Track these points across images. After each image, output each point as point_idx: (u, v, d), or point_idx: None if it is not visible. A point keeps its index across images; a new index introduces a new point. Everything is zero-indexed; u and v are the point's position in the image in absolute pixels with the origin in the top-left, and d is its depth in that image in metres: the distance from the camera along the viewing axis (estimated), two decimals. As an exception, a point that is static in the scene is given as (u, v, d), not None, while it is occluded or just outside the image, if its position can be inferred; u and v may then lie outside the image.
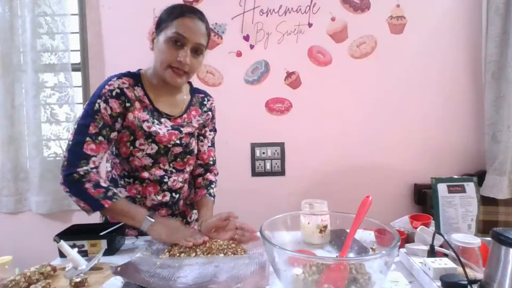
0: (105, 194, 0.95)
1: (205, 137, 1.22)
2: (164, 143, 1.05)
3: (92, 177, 0.96)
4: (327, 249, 0.93)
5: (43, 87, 1.96)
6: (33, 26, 1.88)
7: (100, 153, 0.98)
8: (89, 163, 0.95)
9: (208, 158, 1.23)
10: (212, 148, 1.25)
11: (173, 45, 0.99)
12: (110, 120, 0.98)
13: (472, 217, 0.96)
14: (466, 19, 1.95)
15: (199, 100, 1.18)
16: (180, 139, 1.08)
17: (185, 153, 1.12)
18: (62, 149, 2.02)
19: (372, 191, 0.86)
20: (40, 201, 1.95)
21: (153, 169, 1.07)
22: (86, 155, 0.95)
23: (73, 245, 0.93)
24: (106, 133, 0.97)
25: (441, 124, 2.00)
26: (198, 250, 0.94)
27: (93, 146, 0.96)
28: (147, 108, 1.04)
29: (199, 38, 1.01)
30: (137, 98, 1.02)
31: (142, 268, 0.83)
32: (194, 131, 1.14)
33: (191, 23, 1.00)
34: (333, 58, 1.98)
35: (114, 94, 0.98)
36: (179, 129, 1.08)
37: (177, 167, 1.12)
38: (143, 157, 1.04)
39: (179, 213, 1.18)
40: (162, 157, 1.07)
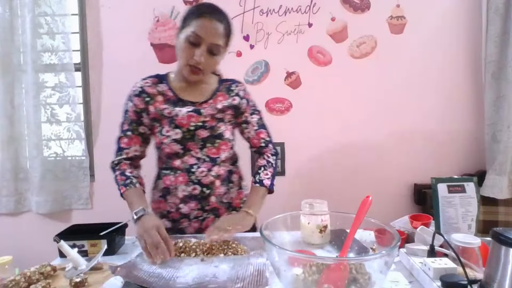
0: (124, 182, 1.10)
1: (248, 123, 1.20)
2: (185, 126, 1.10)
3: (122, 166, 1.14)
4: (327, 249, 0.93)
5: (43, 87, 1.96)
6: (33, 26, 1.88)
7: (132, 146, 1.14)
8: (122, 154, 1.14)
9: (258, 141, 1.20)
10: (262, 129, 1.21)
11: (190, 44, 1.04)
12: (136, 116, 1.13)
13: (472, 217, 0.96)
14: (466, 19, 1.95)
15: (226, 87, 1.19)
16: (203, 122, 1.11)
17: (213, 137, 1.12)
18: (62, 149, 2.02)
19: (372, 191, 0.86)
20: (40, 201, 1.95)
21: (185, 157, 1.11)
22: (121, 148, 1.15)
23: (73, 245, 0.93)
24: (134, 128, 1.14)
25: (441, 124, 2.00)
26: (198, 250, 0.94)
27: (125, 140, 1.14)
28: (170, 100, 1.12)
29: (215, 39, 1.04)
30: (159, 93, 1.13)
31: (142, 268, 0.84)
32: (217, 113, 1.13)
33: (208, 24, 1.03)
34: (333, 58, 1.98)
35: (137, 93, 1.13)
36: (199, 111, 1.11)
37: (210, 155, 1.12)
38: (171, 143, 1.10)
39: (210, 209, 1.15)
40: (189, 141, 1.11)
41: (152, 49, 1.98)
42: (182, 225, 1.15)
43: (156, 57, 1.98)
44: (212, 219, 1.15)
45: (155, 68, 1.97)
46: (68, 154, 2.03)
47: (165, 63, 1.99)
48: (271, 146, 1.23)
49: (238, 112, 1.18)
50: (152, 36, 1.97)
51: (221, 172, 1.15)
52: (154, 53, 1.98)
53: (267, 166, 1.19)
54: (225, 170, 1.16)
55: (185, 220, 1.15)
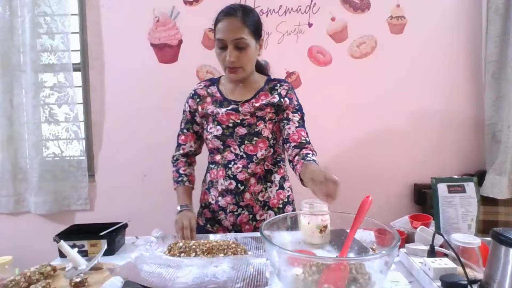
0: (177, 178, 1.24)
1: (289, 120, 1.18)
2: (224, 123, 1.17)
3: (179, 163, 1.27)
4: (327, 249, 0.93)
5: (42, 87, 1.96)
6: (33, 26, 1.87)
7: (188, 142, 1.27)
8: (180, 150, 1.28)
9: (299, 137, 1.15)
10: (302, 128, 1.19)
11: (220, 50, 1.12)
12: (190, 115, 1.25)
13: (472, 217, 0.96)
14: (466, 19, 1.95)
15: (270, 86, 1.23)
16: (242, 120, 1.17)
17: (251, 134, 1.17)
18: (60, 149, 2.01)
19: (372, 191, 0.86)
20: (39, 202, 1.95)
21: (225, 153, 1.18)
22: (179, 144, 1.28)
23: (73, 245, 0.93)
24: (189, 126, 1.26)
25: (441, 124, 2.00)
26: (198, 250, 0.94)
27: (183, 137, 1.27)
28: (217, 100, 1.22)
29: (236, 34, 1.09)
30: (209, 94, 1.24)
31: (142, 268, 0.84)
32: (256, 111, 1.17)
33: (225, 25, 1.10)
34: (333, 58, 1.98)
35: (191, 95, 1.25)
36: (237, 109, 1.17)
37: (248, 152, 1.17)
38: (213, 139, 1.19)
39: (244, 205, 1.18)
40: (229, 138, 1.17)
41: (152, 49, 1.98)
42: (220, 217, 1.22)
43: (156, 57, 1.98)
44: (246, 216, 1.19)
45: (155, 68, 1.98)
46: (67, 154, 2.03)
47: (165, 63, 1.99)
48: (311, 145, 1.17)
49: (280, 109, 1.20)
50: (152, 36, 1.97)
51: (258, 170, 1.18)
52: (154, 53, 1.98)
53: (314, 154, 1.12)
54: (262, 169, 1.19)
55: (222, 213, 1.21)
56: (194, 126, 1.26)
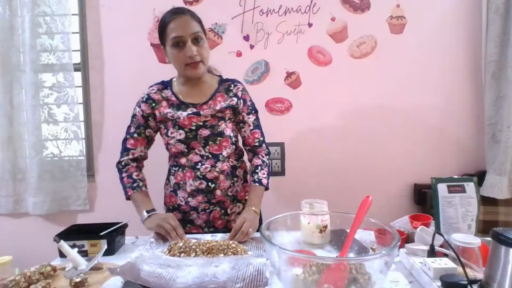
0: (131, 184, 1.19)
1: (245, 123, 1.26)
2: (187, 127, 1.18)
3: (129, 169, 1.23)
4: (327, 249, 0.93)
5: (42, 87, 1.96)
6: (32, 26, 1.87)
7: (138, 147, 1.24)
8: (128, 155, 1.23)
9: (253, 140, 1.27)
10: (256, 130, 1.28)
11: (178, 48, 1.13)
12: (142, 120, 1.23)
13: (472, 217, 0.96)
14: (466, 19, 1.95)
15: (225, 87, 1.26)
16: (204, 122, 1.18)
17: (214, 135, 1.19)
18: (59, 149, 2.01)
19: (372, 191, 0.86)
20: (38, 202, 1.94)
21: (190, 155, 1.20)
22: (127, 149, 1.24)
23: (73, 245, 0.93)
24: (141, 131, 1.23)
25: (441, 124, 2.00)
26: (198, 250, 0.94)
27: (132, 141, 1.24)
28: (173, 104, 1.21)
29: (192, 28, 1.13)
30: (164, 98, 1.22)
31: (142, 268, 0.84)
32: (216, 113, 1.19)
33: (180, 22, 1.13)
34: (333, 58, 1.98)
35: (144, 100, 1.23)
36: (199, 112, 1.18)
37: (213, 152, 1.20)
38: (176, 144, 1.19)
39: (216, 202, 1.23)
40: (193, 141, 1.18)
41: (152, 49, 1.98)
42: (191, 217, 1.24)
43: (156, 57, 1.98)
44: (219, 212, 1.23)
45: (155, 68, 1.98)
46: (66, 154, 2.02)
47: (165, 63, 1.98)
48: (264, 146, 1.30)
49: (236, 111, 1.25)
50: (152, 36, 1.97)
51: (225, 168, 1.22)
52: (154, 53, 1.98)
53: (263, 165, 1.26)
54: (228, 166, 1.24)
55: (194, 212, 1.23)
56: (146, 130, 1.24)
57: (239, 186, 1.28)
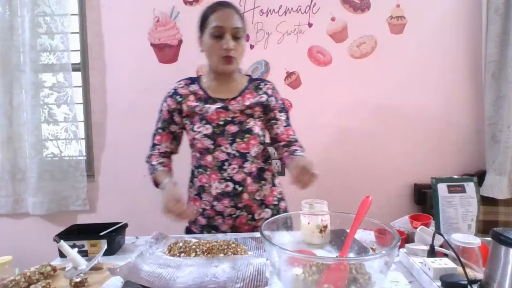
0: (151, 171, 1.19)
1: (277, 120, 1.23)
2: (214, 121, 1.14)
3: (151, 158, 1.22)
4: (327, 249, 0.93)
5: (42, 87, 1.96)
6: (32, 26, 1.87)
7: (163, 142, 1.22)
8: (154, 149, 1.23)
9: (287, 136, 1.22)
10: (289, 127, 1.24)
11: (215, 39, 1.11)
12: (168, 115, 1.21)
13: (472, 217, 0.96)
14: (466, 19, 1.95)
15: (254, 85, 1.23)
16: (232, 118, 1.15)
17: (243, 132, 1.15)
18: (59, 149, 2.01)
19: (372, 191, 0.86)
20: (37, 202, 1.94)
21: (216, 152, 1.14)
22: (154, 144, 1.23)
23: (73, 245, 0.93)
24: (166, 126, 1.22)
25: (441, 124, 2.00)
26: (198, 250, 0.94)
27: (158, 137, 1.23)
28: (201, 98, 1.18)
29: (235, 23, 1.11)
30: (191, 92, 1.20)
31: (142, 268, 0.83)
32: (245, 109, 1.16)
33: (224, 13, 1.11)
34: (333, 58, 1.98)
35: (170, 94, 1.22)
36: (227, 107, 1.15)
37: (240, 150, 1.14)
38: (202, 139, 1.14)
39: (243, 206, 1.16)
40: (220, 137, 1.14)
41: (152, 49, 1.98)
42: (216, 222, 1.18)
43: (156, 57, 1.98)
44: (245, 217, 1.17)
45: (155, 68, 1.98)
46: (65, 154, 2.02)
47: (165, 63, 1.99)
48: (299, 143, 1.24)
49: (267, 109, 1.21)
50: (152, 36, 1.97)
51: (253, 169, 1.16)
52: (154, 53, 1.98)
53: (302, 150, 1.20)
54: (256, 168, 1.18)
55: (220, 217, 1.17)
56: (171, 126, 1.22)
57: (267, 190, 1.21)
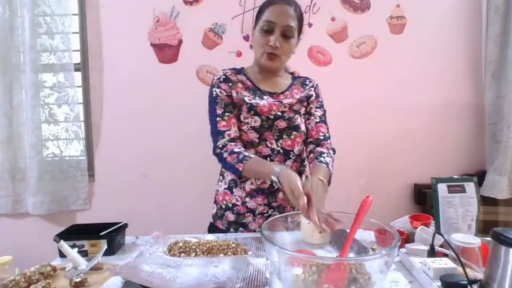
0: (237, 159, 1.02)
1: (311, 114, 1.18)
2: (265, 114, 1.09)
3: (229, 147, 1.07)
4: (327, 249, 0.93)
5: (42, 87, 1.96)
6: (32, 25, 1.87)
7: (231, 127, 1.09)
8: (224, 137, 1.08)
9: (317, 133, 1.16)
10: (322, 124, 1.19)
11: (264, 33, 1.07)
12: (228, 99, 1.11)
13: (472, 217, 0.96)
14: (466, 19, 1.95)
15: (300, 81, 1.22)
16: (282, 112, 1.11)
17: (290, 128, 1.11)
18: (60, 149, 2.01)
19: (372, 191, 0.86)
20: (37, 202, 1.94)
21: (260, 147, 1.10)
22: (220, 132, 1.09)
23: (73, 245, 0.93)
24: (230, 109, 1.11)
25: (441, 124, 2.00)
26: (198, 250, 0.94)
27: (223, 123, 1.09)
28: (249, 88, 1.14)
29: (287, 21, 1.07)
30: (239, 81, 1.14)
31: (142, 268, 0.83)
32: (295, 103, 1.13)
33: (278, 9, 1.07)
34: (333, 58, 1.98)
35: (222, 80, 1.13)
36: (280, 100, 1.11)
37: (285, 147, 1.11)
38: (248, 131, 1.09)
39: (277, 206, 1.12)
40: (267, 131, 1.10)
41: (152, 49, 1.98)
42: (246, 220, 1.13)
43: (156, 57, 1.98)
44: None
45: (155, 68, 1.98)
46: (66, 154, 2.02)
47: (165, 63, 1.99)
48: (330, 141, 1.18)
49: (307, 103, 1.19)
50: (152, 36, 1.97)
51: (293, 168, 1.13)
52: (154, 53, 1.98)
53: (329, 154, 1.12)
54: (296, 167, 1.15)
55: (250, 215, 1.13)
56: (234, 109, 1.11)
57: None
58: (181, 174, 2.01)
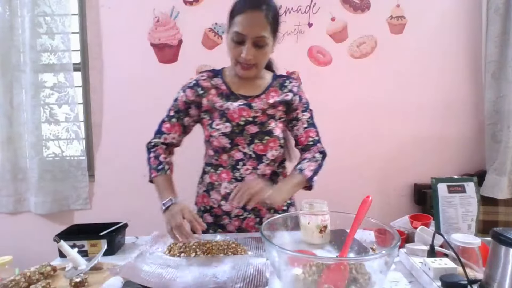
0: (157, 166, 1.10)
1: (298, 120, 1.16)
2: (235, 120, 1.09)
3: (158, 149, 1.13)
4: (327, 249, 0.93)
5: (42, 87, 1.96)
6: (33, 26, 1.87)
7: (172, 133, 1.15)
8: (160, 138, 1.15)
9: (306, 139, 1.16)
10: (311, 128, 1.17)
11: (236, 44, 1.04)
12: (184, 106, 1.14)
13: (472, 217, 0.96)
14: (466, 19, 1.95)
15: (279, 82, 1.17)
16: (254, 118, 1.09)
17: (263, 133, 1.10)
18: (61, 149, 2.01)
19: (372, 191, 0.87)
20: (39, 202, 1.95)
21: (232, 151, 1.10)
22: (161, 132, 1.15)
23: (73, 245, 0.93)
24: (179, 116, 1.15)
25: (441, 124, 2.00)
26: (198, 250, 0.94)
27: (168, 125, 1.15)
28: (223, 94, 1.13)
29: (258, 32, 1.02)
30: (213, 86, 1.14)
31: (142, 268, 0.83)
32: (268, 108, 1.11)
33: (249, 19, 1.01)
34: (333, 58, 1.98)
35: (191, 85, 1.15)
36: (250, 105, 1.10)
37: (257, 151, 1.10)
38: (220, 137, 1.09)
39: (251, 208, 1.11)
40: (238, 136, 1.09)
41: (152, 49, 1.98)
42: (223, 222, 1.16)
43: (156, 57, 1.98)
44: (253, 219, 1.15)
45: (155, 68, 1.98)
46: (67, 154, 2.03)
47: (165, 63, 1.99)
48: (319, 145, 1.19)
49: (290, 108, 1.15)
50: (152, 36, 1.97)
51: (267, 172, 1.13)
52: (154, 53, 1.98)
53: (311, 159, 1.13)
54: (271, 170, 1.14)
55: (227, 217, 1.15)
56: (185, 118, 1.15)
57: None
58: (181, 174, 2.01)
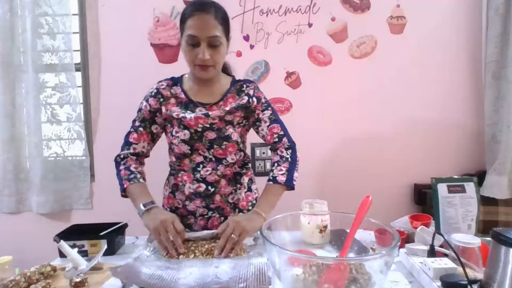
0: (128, 176, 1.11)
1: (260, 120, 1.17)
2: (193, 127, 1.12)
3: (128, 161, 1.16)
4: (327, 249, 0.93)
5: (44, 87, 1.96)
6: (34, 26, 1.88)
7: (141, 142, 1.17)
8: (130, 149, 1.17)
9: (272, 137, 1.17)
10: (274, 124, 1.17)
11: (191, 47, 1.06)
12: (149, 115, 1.16)
13: (472, 217, 0.96)
14: (466, 19, 1.95)
15: (237, 88, 1.18)
16: (211, 124, 1.12)
17: (221, 138, 1.13)
18: (62, 149, 2.02)
19: (372, 191, 0.86)
20: (41, 201, 1.95)
21: (193, 156, 1.14)
22: (129, 142, 1.17)
23: (73, 245, 0.93)
24: (146, 125, 1.17)
25: (441, 124, 2.00)
26: (197, 251, 0.94)
27: (135, 135, 1.17)
28: (182, 102, 1.15)
29: (211, 32, 1.04)
30: (172, 95, 1.17)
31: (141, 270, 0.83)
32: (225, 114, 1.12)
33: (199, 21, 1.04)
34: (333, 58, 1.98)
35: (152, 94, 1.17)
36: (207, 113, 1.12)
37: (217, 156, 1.14)
38: (179, 144, 1.13)
39: (215, 208, 1.17)
40: (197, 142, 1.13)
41: (152, 49, 1.98)
42: (189, 221, 1.19)
43: (156, 57, 1.98)
44: (217, 218, 1.18)
45: (155, 68, 1.98)
46: (69, 154, 2.03)
47: (165, 63, 1.99)
48: (285, 139, 1.18)
49: (249, 111, 1.16)
50: (152, 36, 1.97)
51: (227, 172, 1.16)
52: (154, 53, 1.98)
53: (280, 161, 1.14)
54: (231, 171, 1.18)
55: (192, 217, 1.19)
56: (152, 126, 1.18)
57: (242, 195, 1.21)
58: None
